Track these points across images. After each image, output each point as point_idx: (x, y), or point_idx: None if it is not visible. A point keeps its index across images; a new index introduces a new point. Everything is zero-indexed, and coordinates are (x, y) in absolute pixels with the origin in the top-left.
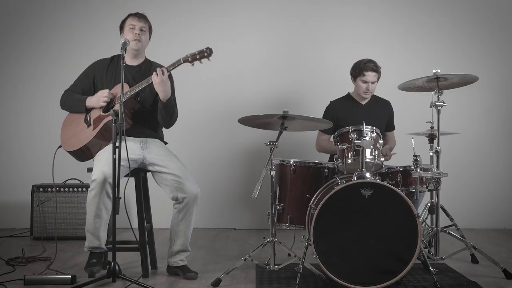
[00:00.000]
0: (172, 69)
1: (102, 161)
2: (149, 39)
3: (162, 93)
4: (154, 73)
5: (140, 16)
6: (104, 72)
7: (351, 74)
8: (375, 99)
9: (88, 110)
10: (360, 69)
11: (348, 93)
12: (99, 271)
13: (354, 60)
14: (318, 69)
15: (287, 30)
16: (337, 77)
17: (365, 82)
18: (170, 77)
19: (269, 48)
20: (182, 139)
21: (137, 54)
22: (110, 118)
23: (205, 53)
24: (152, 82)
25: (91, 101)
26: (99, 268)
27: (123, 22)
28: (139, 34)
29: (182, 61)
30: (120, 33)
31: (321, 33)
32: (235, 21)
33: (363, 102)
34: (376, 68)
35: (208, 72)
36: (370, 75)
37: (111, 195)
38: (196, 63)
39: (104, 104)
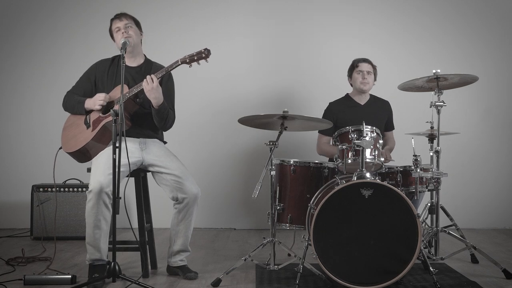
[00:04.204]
0: (170, 70)
1: (99, 170)
2: (141, 32)
3: (154, 100)
4: (144, 80)
5: (121, 16)
6: (104, 74)
7: (348, 75)
8: (374, 99)
9: (88, 112)
10: (352, 64)
11: (347, 93)
12: (103, 285)
13: None
14: (318, 69)
15: (287, 30)
16: (337, 77)
17: (360, 71)
18: (170, 78)
19: (269, 48)
20: (183, 139)
21: (134, 52)
22: (109, 119)
23: (203, 54)
24: None
25: (88, 103)
26: (102, 283)
27: (110, 29)
28: (126, 31)
29: (180, 62)
30: (113, 41)
31: (321, 33)
32: (235, 21)
33: (362, 102)
34: (368, 60)
35: (208, 73)
36: (363, 65)
37: (109, 205)
38: (194, 64)
39: (99, 107)
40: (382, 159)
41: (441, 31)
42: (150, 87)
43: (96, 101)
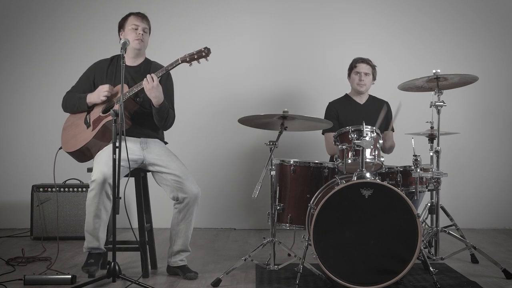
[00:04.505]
0: (170, 69)
1: (102, 161)
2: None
3: (155, 99)
4: (145, 79)
5: (143, 17)
6: (104, 73)
7: (347, 74)
8: (373, 99)
9: (90, 109)
10: (351, 63)
11: (346, 93)
12: (97, 271)
13: None
14: (318, 69)
15: (287, 30)
16: (337, 77)
17: (358, 73)
18: (169, 77)
19: (269, 48)
20: (183, 139)
21: (138, 54)
22: (109, 118)
23: (203, 53)
24: None
25: (91, 97)
26: (96, 268)
27: (124, 20)
28: (142, 34)
29: (180, 61)
30: (119, 31)
31: (321, 33)
32: (235, 21)
33: (361, 102)
34: (367, 61)
35: (208, 73)
36: (361, 66)
37: (111, 196)
38: (194, 63)
39: (105, 98)
40: (382, 159)
41: (441, 31)
42: (151, 86)
43: (100, 93)
